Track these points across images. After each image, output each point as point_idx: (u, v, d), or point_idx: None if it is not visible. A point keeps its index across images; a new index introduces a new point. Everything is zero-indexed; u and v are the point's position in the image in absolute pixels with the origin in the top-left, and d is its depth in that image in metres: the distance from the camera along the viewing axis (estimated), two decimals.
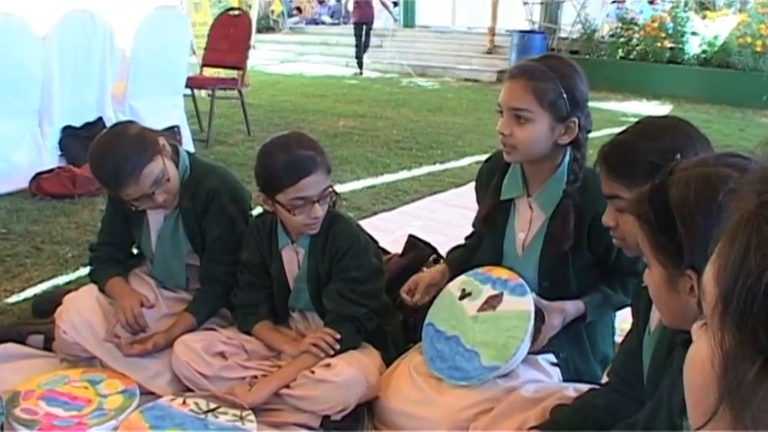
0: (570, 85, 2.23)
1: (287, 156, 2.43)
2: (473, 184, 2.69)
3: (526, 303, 2.32)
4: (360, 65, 13.80)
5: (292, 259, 2.63)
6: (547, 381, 2.38)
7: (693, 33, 11.64)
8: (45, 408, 2.41)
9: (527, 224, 2.44)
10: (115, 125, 2.73)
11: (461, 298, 2.47)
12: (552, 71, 2.21)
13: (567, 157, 2.34)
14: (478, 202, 2.59)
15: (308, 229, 2.53)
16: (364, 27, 13.38)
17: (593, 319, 2.41)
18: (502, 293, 2.39)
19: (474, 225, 2.58)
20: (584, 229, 2.33)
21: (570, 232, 2.31)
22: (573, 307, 2.37)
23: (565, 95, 2.21)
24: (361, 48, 13.62)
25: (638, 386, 1.93)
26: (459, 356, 2.35)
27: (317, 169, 2.42)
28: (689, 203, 1.33)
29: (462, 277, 2.53)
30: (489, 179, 2.52)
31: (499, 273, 2.45)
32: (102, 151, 2.53)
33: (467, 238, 2.77)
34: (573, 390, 2.25)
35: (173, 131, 5.97)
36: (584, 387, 2.23)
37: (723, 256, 0.64)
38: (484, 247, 2.55)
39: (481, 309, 2.40)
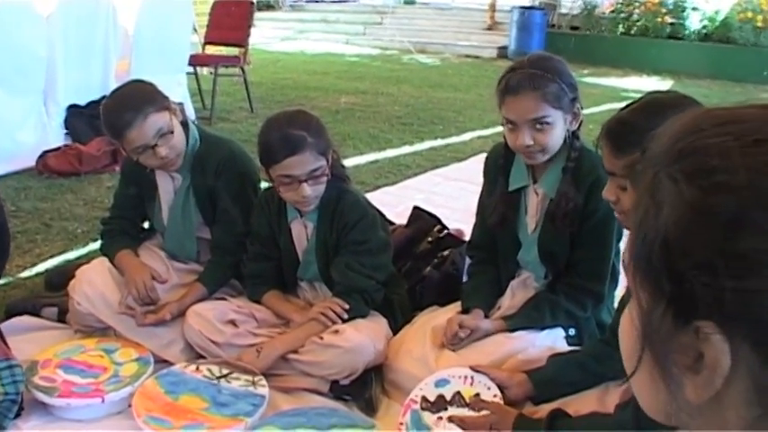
0: (564, 77, 2.33)
1: (276, 133, 2.47)
2: (474, 158, 2.75)
3: None
4: None
5: (301, 232, 2.68)
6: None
7: (694, 9, 11.59)
8: (63, 375, 2.48)
9: (535, 209, 2.50)
10: (129, 81, 2.80)
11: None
12: (548, 72, 2.30)
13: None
14: (487, 192, 2.63)
15: (300, 206, 2.59)
16: None
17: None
18: None
19: (488, 225, 2.61)
20: (581, 200, 2.39)
21: (569, 208, 2.39)
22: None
23: (566, 89, 2.31)
24: None
25: None
26: None
27: (303, 150, 2.43)
28: None
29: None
30: (495, 171, 2.58)
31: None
32: (113, 97, 2.65)
33: (470, 257, 2.79)
34: None
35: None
36: None
37: (631, 228, 0.74)
38: (500, 240, 2.61)
39: None
